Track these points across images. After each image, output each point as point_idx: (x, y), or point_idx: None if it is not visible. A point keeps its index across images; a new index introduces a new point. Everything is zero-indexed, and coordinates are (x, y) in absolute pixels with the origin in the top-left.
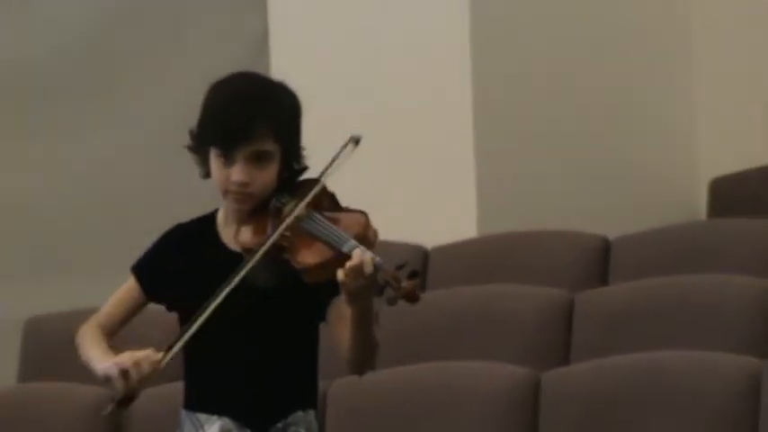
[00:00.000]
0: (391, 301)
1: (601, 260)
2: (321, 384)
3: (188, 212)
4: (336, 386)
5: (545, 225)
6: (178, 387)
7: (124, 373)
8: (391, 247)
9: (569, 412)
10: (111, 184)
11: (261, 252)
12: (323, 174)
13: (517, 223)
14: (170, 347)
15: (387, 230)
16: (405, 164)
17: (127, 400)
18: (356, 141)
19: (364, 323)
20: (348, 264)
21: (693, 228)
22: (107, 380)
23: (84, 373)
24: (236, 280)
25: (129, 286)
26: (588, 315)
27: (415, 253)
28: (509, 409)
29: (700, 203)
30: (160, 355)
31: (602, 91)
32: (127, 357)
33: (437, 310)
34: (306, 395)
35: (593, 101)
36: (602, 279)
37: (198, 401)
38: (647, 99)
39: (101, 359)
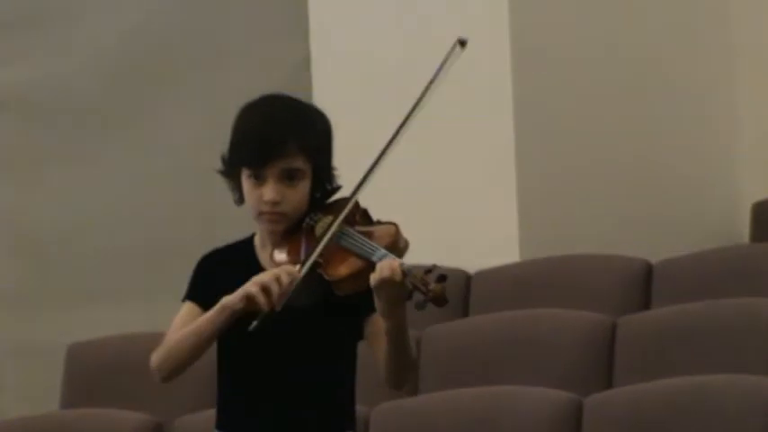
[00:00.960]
0: (420, 306)
1: (643, 284)
2: (364, 409)
3: (227, 236)
4: (378, 411)
5: (587, 249)
6: (211, 414)
7: (265, 287)
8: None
9: None
10: (151, 208)
11: (304, 270)
12: (364, 180)
13: (559, 247)
14: (304, 262)
15: (429, 254)
16: (447, 188)
17: (269, 317)
18: (462, 43)
19: (399, 335)
20: (378, 271)
21: (736, 251)
22: (248, 300)
23: (127, 399)
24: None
25: (187, 310)
26: (631, 339)
27: (457, 277)
28: None
29: (742, 227)
30: (297, 267)
31: (644, 115)
32: (263, 275)
33: (479, 335)
34: (344, 416)
35: (635, 125)
36: (645, 303)
37: (233, 424)
38: (690, 122)
39: (224, 301)
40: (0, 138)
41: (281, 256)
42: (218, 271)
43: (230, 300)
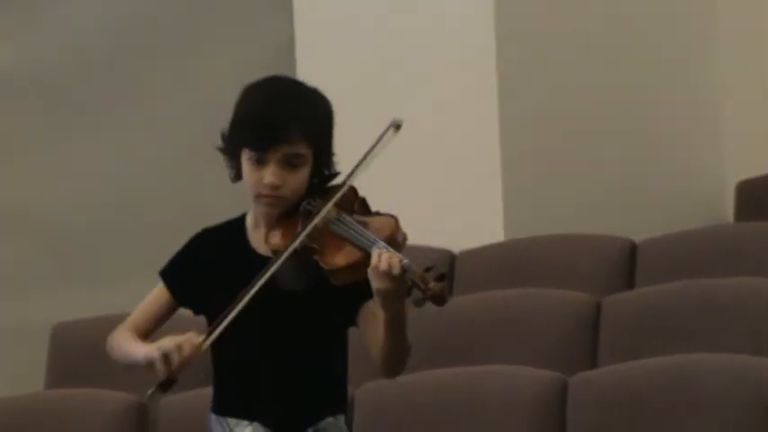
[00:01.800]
0: (418, 303)
1: (627, 263)
2: (349, 389)
3: (215, 216)
4: (364, 390)
5: (571, 229)
6: (206, 392)
7: (166, 356)
8: (418, 250)
9: (596, 415)
10: (137, 188)
11: (293, 246)
12: (362, 160)
13: (544, 227)
14: (210, 332)
15: (414, 234)
16: (431, 168)
17: (168, 383)
18: (397, 126)
19: (396, 326)
20: (377, 265)
21: (720, 230)
22: (149, 364)
23: (111, 379)
24: (273, 269)
25: (158, 291)
26: (615, 318)
27: (442, 257)
28: (536, 412)
29: (727, 206)
30: (201, 338)
31: (628, 95)
32: (167, 341)
33: (464, 314)
34: (336, 400)
35: (619, 104)
36: (629, 282)
37: (227, 406)
38: (673, 102)
39: (140, 348)
40: None
41: (275, 238)
42: (205, 254)
43: (139, 353)
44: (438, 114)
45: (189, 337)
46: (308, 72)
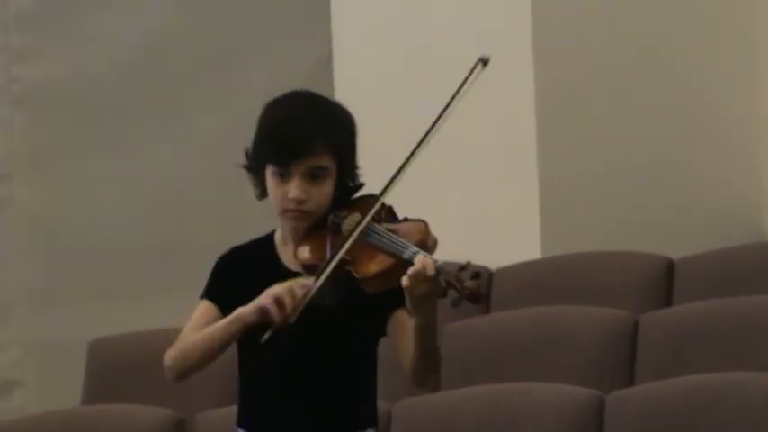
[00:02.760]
0: (455, 303)
1: (665, 281)
2: (385, 404)
3: (251, 231)
4: (401, 406)
5: (609, 246)
6: (233, 410)
7: (279, 300)
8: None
9: None
10: (175, 204)
11: (334, 263)
12: (393, 179)
13: (581, 244)
14: (319, 275)
15: (451, 252)
16: (469, 184)
17: (284, 327)
18: (485, 62)
19: (427, 333)
20: (411, 269)
21: (758, 249)
22: (261, 313)
23: (148, 395)
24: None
25: (203, 310)
26: (652, 336)
27: None
28: (573, 430)
29: (764, 224)
30: (310, 280)
31: (667, 112)
32: (274, 288)
33: (501, 331)
34: (366, 415)
35: (657, 122)
36: (667, 300)
37: (254, 421)
38: (713, 119)
39: (235, 313)
40: (20, 134)
41: (304, 253)
42: (238, 270)
43: (244, 311)
44: (476, 130)
45: (299, 280)
46: (346, 87)
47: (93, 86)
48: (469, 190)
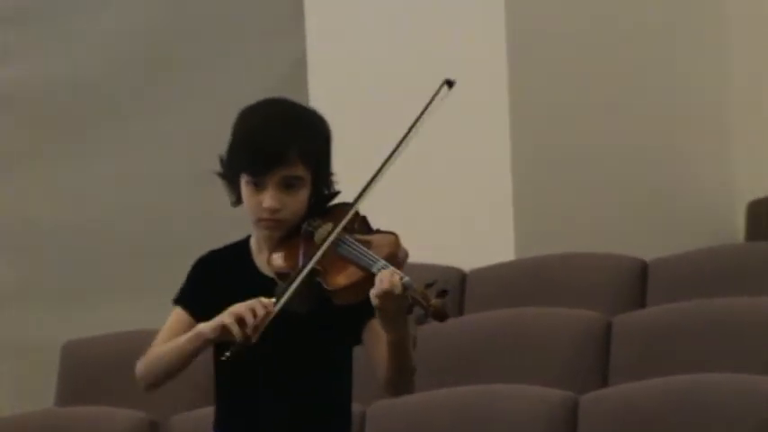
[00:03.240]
0: (420, 320)
1: (638, 282)
2: (359, 407)
3: (228, 234)
4: (374, 409)
5: (582, 248)
6: (208, 413)
7: (240, 319)
8: (429, 269)
9: None
10: (149, 205)
11: (305, 271)
12: (365, 188)
13: (555, 246)
14: (280, 295)
15: (424, 253)
16: (442, 187)
17: (244, 347)
18: (450, 84)
19: (400, 346)
20: (377, 287)
21: (731, 250)
22: (222, 331)
23: (122, 397)
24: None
25: (176, 318)
26: (626, 337)
27: (452, 276)
28: (547, 431)
29: (737, 226)
30: (272, 300)
31: (639, 115)
32: (237, 306)
33: (474, 333)
34: (339, 419)
35: (629, 125)
36: (640, 301)
37: (231, 425)
38: (684, 122)
39: (197, 329)
40: None
41: (278, 260)
42: (214, 275)
43: (205, 329)
44: (448, 135)
45: (259, 300)
46: (320, 89)
47: (71, 87)
48: (443, 192)
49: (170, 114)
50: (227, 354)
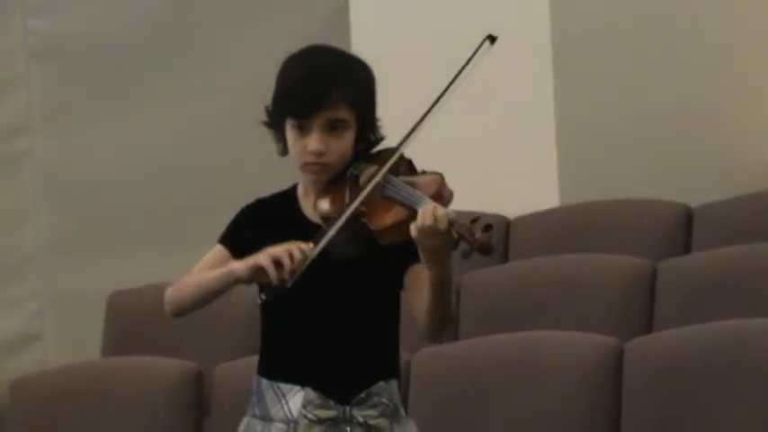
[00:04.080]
0: (466, 254)
1: (683, 228)
2: (404, 355)
3: (268, 185)
4: (420, 356)
5: (627, 194)
6: (252, 361)
7: (277, 261)
8: (473, 217)
9: (653, 381)
10: (192, 158)
11: (349, 212)
12: (411, 131)
13: (599, 192)
14: (320, 238)
15: (469, 201)
16: (486, 134)
17: (281, 290)
18: (492, 39)
19: (442, 287)
20: (420, 219)
21: None
22: (257, 272)
23: (168, 347)
24: (337, 226)
25: (216, 252)
26: (671, 284)
27: (497, 223)
28: (593, 377)
29: None
30: (310, 245)
31: (685, 59)
32: (273, 248)
33: (519, 280)
34: (388, 365)
35: (675, 69)
36: (685, 247)
37: (279, 371)
38: (731, 67)
39: (232, 264)
40: (40, 88)
41: (324, 205)
42: (259, 220)
43: (238, 267)
44: (492, 80)
45: (299, 244)
46: (361, 41)
47: (109, 40)
48: (487, 140)
49: (214, 65)
50: (263, 296)
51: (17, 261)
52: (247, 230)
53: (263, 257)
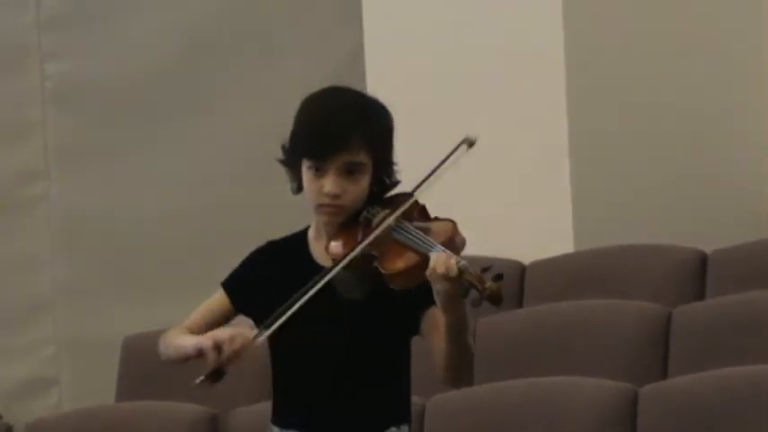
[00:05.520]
0: (475, 303)
1: (698, 274)
2: (419, 400)
3: (288, 227)
4: (434, 402)
5: (642, 239)
6: (267, 407)
7: (217, 345)
8: (487, 262)
9: (667, 427)
10: (210, 200)
11: (353, 254)
12: (431, 174)
13: (614, 238)
14: (265, 328)
15: (484, 246)
16: (501, 179)
17: (217, 374)
18: (470, 143)
19: (458, 331)
20: (432, 267)
21: None
22: (199, 353)
23: (182, 391)
24: (333, 272)
25: (218, 298)
26: (686, 329)
27: (512, 268)
28: (607, 423)
29: None
30: (253, 332)
31: (698, 106)
32: (220, 332)
33: (534, 326)
34: (398, 410)
35: (689, 115)
36: (700, 293)
37: (288, 418)
38: (744, 113)
39: (191, 339)
40: (56, 131)
41: (336, 247)
42: (267, 264)
43: (188, 344)
44: (507, 127)
45: (241, 331)
46: (377, 82)
47: (124, 84)
48: (502, 185)
49: (227, 107)
50: (200, 379)
51: (33, 306)
52: (254, 275)
53: (205, 339)
